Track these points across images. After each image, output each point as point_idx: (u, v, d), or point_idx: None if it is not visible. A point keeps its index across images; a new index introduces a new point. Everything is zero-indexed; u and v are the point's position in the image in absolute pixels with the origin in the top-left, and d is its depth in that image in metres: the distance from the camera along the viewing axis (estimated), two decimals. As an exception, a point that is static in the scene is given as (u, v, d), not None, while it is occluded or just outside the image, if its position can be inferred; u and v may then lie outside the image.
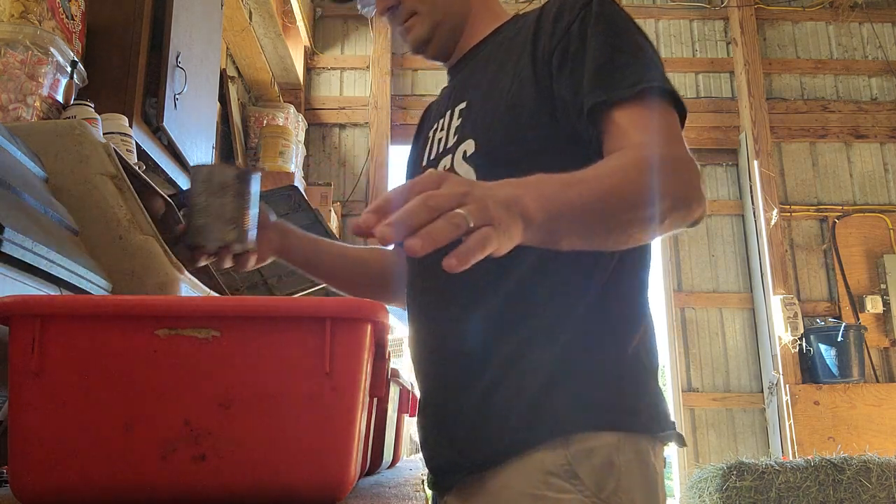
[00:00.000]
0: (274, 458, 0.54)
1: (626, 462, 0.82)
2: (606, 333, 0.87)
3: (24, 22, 1.46)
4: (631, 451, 0.83)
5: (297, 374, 0.55)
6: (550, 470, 0.82)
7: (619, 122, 0.82)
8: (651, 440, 0.86)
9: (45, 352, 0.55)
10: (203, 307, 0.57)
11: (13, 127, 1.12)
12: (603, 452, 0.82)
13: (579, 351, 0.86)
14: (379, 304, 0.58)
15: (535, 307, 0.88)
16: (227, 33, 3.54)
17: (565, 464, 0.81)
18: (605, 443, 0.82)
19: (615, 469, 0.81)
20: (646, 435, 0.85)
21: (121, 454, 0.54)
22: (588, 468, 0.81)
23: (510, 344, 0.87)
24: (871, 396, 4.14)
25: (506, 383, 0.86)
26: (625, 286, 0.91)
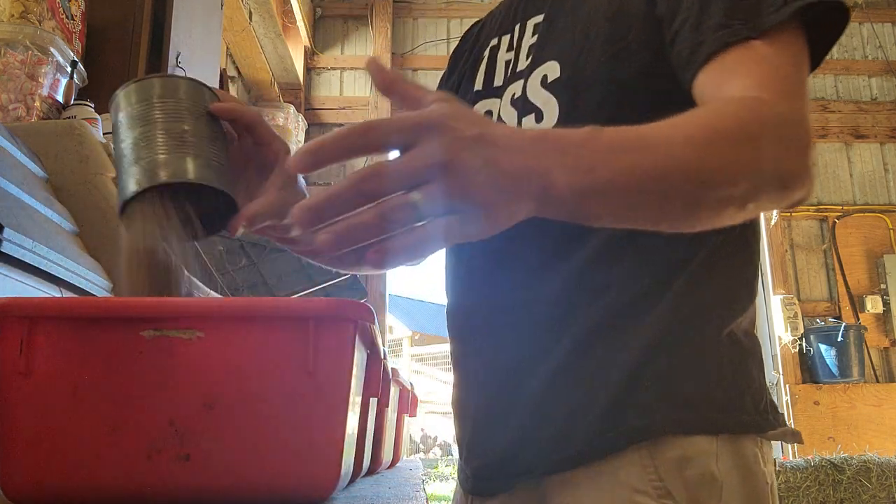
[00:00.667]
0: (258, 458, 0.55)
1: (728, 471, 0.65)
2: (705, 313, 0.70)
3: (24, 22, 1.46)
4: (733, 458, 0.66)
5: (280, 373, 0.56)
6: (636, 487, 0.65)
7: (725, 62, 0.61)
8: (757, 442, 0.69)
9: (33, 353, 0.55)
10: (187, 308, 0.57)
11: (13, 127, 1.12)
12: (700, 462, 0.65)
13: (671, 335, 0.68)
14: (364, 304, 0.58)
15: (617, 279, 0.70)
16: (227, 33, 3.54)
17: (655, 479, 0.65)
18: (701, 450, 0.65)
19: (716, 483, 0.65)
20: (751, 436, 0.68)
21: (107, 454, 0.54)
22: (681, 483, 0.65)
23: (583, 324, 0.70)
24: (871, 396, 4.14)
25: (577, 373, 0.69)
26: (732, 254, 0.72)
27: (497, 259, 0.76)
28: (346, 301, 0.58)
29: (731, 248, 0.72)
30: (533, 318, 0.73)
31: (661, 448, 0.66)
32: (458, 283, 0.83)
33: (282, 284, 1.62)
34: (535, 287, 0.73)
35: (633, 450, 0.66)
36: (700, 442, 0.66)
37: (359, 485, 0.88)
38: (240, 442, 0.55)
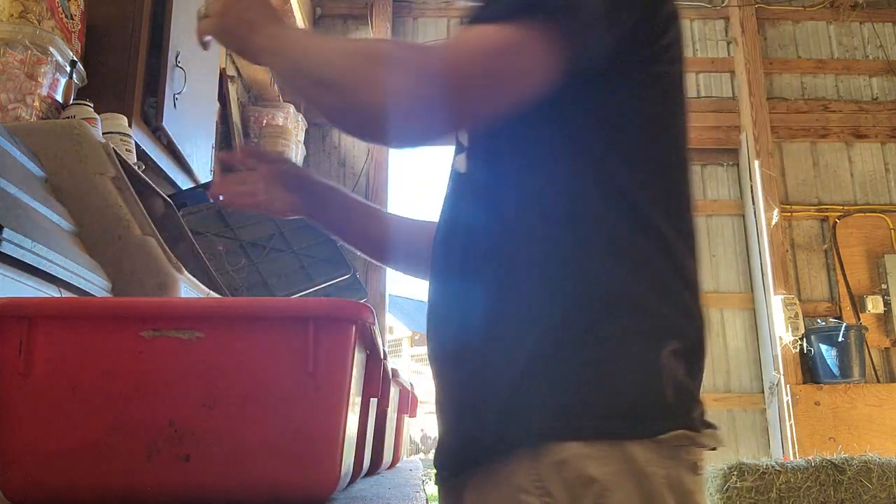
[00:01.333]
0: (258, 458, 0.55)
1: (612, 473, 0.67)
2: (586, 319, 0.72)
3: (24, 22, 1.46)
4: (617, 461, 0.68)
5: (280, 374, 0.56)
6: (522, 486, 0.70)
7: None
8: (646, 444, 0.69)
9: (33, 353, 0.55)
10: (187, 308, 0.57)
11: (13, 127, 1.11)
12: (576, 465, 0.68)
13: (562, 332, 0.72)
14: (364, 304, 0.58)
15: (515, 273, 0.75)
16: (228, 33, 3.53)
17: (536, 480, 0.69)
18: (576, 453, 0.68)
19: (595, 483, 0.67)
20: (642, 440, 0.69)
21: (107, 454, 0.54)
22: (560, 484, 0.68)
23: (479, 332, 0.75)
24: (871, 397, 4.13)
25: (475, 380, 0.75)
26: (616, 264, 0.74)
27: (433, 276, 0.84)
28: (346, 301, 0.57)
29: (613, 257, 0.75)
30: (447, 323, 0.81)
31: (541, 451, 0.70)
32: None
33: (282, 284, 1.62)
34: (449, 297, 0.81)
35: (520, 453, 0.70)
36: (574, 447, 0.69)
37: (359, 485, 0.87)
38: (240, 442, 0.55)
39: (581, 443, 0.69)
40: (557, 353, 0.72)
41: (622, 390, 0.71)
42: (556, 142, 0.76)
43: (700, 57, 4.90)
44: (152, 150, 1.93)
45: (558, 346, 0.72)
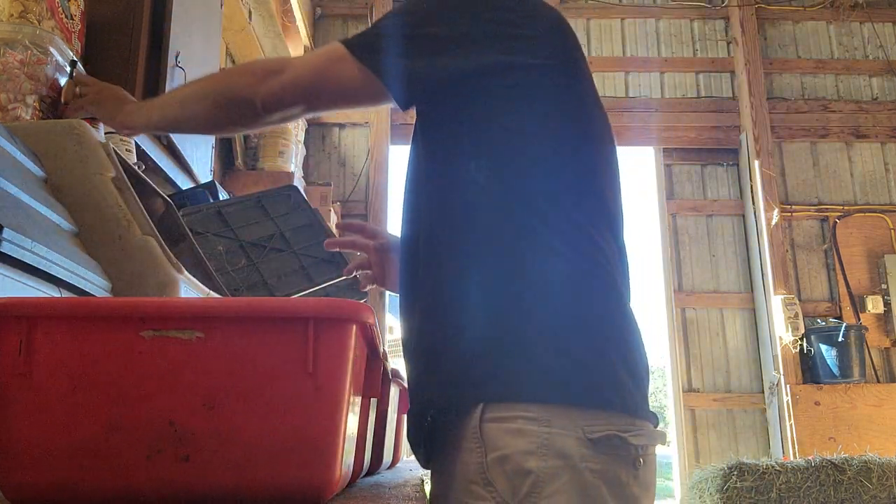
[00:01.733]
0: (258, 458, 0.55)
1: (548, 468, 0.76)
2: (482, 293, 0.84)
3: (24, 22, 1.46)
4: (555, 456, 0.77)
5: (280, 374, 0.56)
6: (471, 478, 0.80)
7: None
8: (582, 438, 0.78)
9: (33, 353, 0.55)
10: (187, 308, 0.57)
11: (13, 127, 1.11)
12: (515, 459, 0.77)
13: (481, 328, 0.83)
14: (364, 304, 0.58)
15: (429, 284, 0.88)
16: (227, 33, 3.54)
17: (482, 471, 0.79)
18: (517, 449, 0.77)
19: (531, 475, 0.76)
20: (576, 426, 0.78)
21: (107, 454, 0.54)
22: (501, 474, 0.78)
23: (420, 327, 0.89)
24: (871, 397, 4.13)
25: (421, 372, 0.89)
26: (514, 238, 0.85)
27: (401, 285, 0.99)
28: (346, 301, 0.57)
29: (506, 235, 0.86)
30: (404, 318, 0.93)
31: (489, 448, 0.79)
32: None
33: (282, 284, 1.62)
34: (404, 294, 0.94)
35: (470, 449, 0.80)
36: (515, 442, 0.78)
37: (359, 485, 0.87)
38: (240, 442, 0.55)
39: (525, 439, 0.77)
40: (498, 334, 0.81)
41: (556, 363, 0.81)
42: (449, 142, 0.92)
43: (700, 57, 4.90)
44: (152, 150, 1.93)
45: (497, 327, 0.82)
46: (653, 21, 4.95)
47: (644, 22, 4.96)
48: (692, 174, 4.75)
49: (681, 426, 4.40)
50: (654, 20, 4.96)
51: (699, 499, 3.54)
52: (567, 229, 0.85)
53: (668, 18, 4.97)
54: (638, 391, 0.83)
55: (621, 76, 4.84)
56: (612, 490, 0.78)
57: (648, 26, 4.95)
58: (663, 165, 4.74)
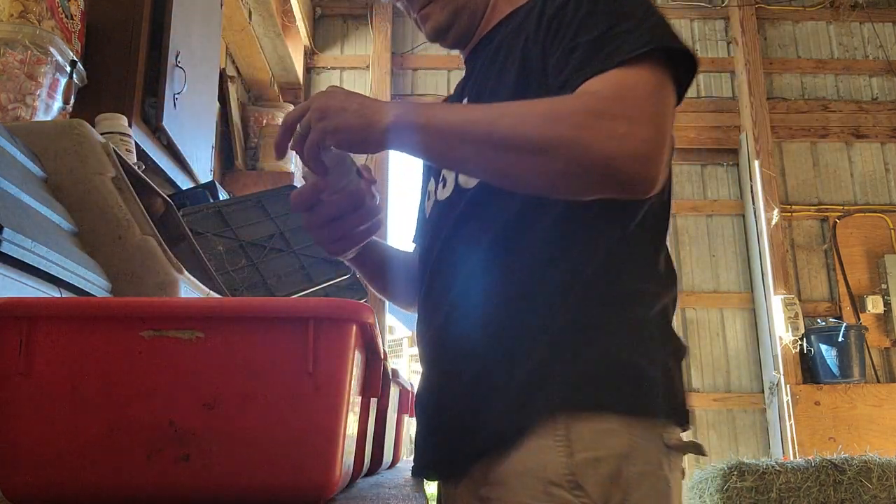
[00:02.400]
0: (258, 458, 0.55)
1: (638, 475, 0.75)
2: (616, 306, 0.81)
3: (24, 22, 1.46)
4: (644, 461, 0.75)
5: (280, 374, 0.56)
6: (551, 479, 0.74)
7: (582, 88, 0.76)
8: (663, 447, 0.77)
9: (32, 353, 0.55)
10: (187, 308, 0.57)
11: (13, 127, 1.11)
12: (612, 462, 0.74)
13: (577, 331, 0.79)
14: (364, 304, 0.58)
15: (532, 278, 0.82)
16: (227, 33, 3.54)
17: (568, 473, 0.74)
18: (613, 451, 0.74)
19: (622, 481, 0.74)
20: (656, 430, 0.77)
21: (107, 454, 0.54)
22: (594, 479, 0.73)
23: (505, 326, 0.82)
24: (871, 397, 4.13)
25: (499, 366, 0.81)
26: (638, 250, 0.83)
27: (441, 285, 0.91)
28: (346, 301, 0.57)
29: (634, 242, 0.83)
30: (467, 325, 0.86)
31: (577, 448, 0.75)
32: (420, 309, 0.98)
33: (282, 284, 1.62)
34: (465, 299, 0.87)
35: (547, 447, 0.75)
36: (611, 443, 0.75)
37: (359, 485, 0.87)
38: (240, 442, 0.55)
39: (614, 417, 0.75)
40: (572, 346, 0.78)
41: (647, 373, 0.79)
42: None
43: (700, 56, 4.88)
44: (152, 150, 1.93)
45: (575, 337, 0.79)
46: (653, 21, 4.95)
47: (644, 22, 4.95)
48: (692, 174, 4.75)
49: (681, 426, 4.40)
50: (654, 20, 4.95)
51: (699, 499, 3.54)
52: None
53: (668, 18, 4.96)
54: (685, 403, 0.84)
55: (621, 76, 4.84)
56: (676, 499, 0.78)
57: (648, 26, 4.94)
58: (663, 165, 4.73)
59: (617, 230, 0.82)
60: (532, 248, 0.82)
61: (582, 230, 0.82)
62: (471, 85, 0.97)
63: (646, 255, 0.85)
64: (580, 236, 0.82)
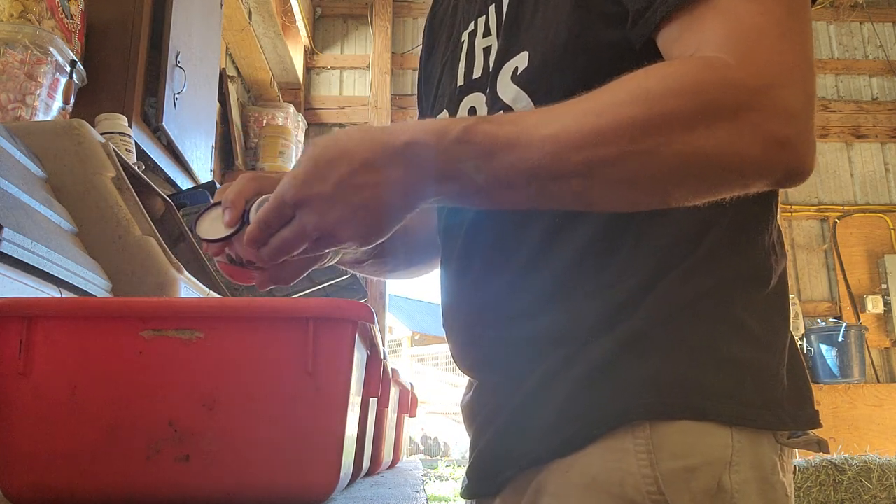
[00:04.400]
0: (257, 459, 0.55)
1: (742, 483, 0.58)
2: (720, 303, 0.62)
3: (24, 21, 1.46)
4: (749, 467, 0.59)
5: (280, 374, 0.56)
6: (629, 495, 0.58)
7: (683, 19, 0.55)
8: (776, 445, 0.61)
9: (32, 353, 0.55)
10: (187, 308, 0.57)
11: (13, 127, 1.11)
12: (709, 472, 0.57)
13: (662, 324, 0.61)
14: (363, 304, 0.58)
15: (613, 276, 0.64)
16: (227, 33, 3.54)
17: (651, 486, 0.58)
18: (711, 458, 0.58)
19: (725, 495, 0.57)
20: (769, 435, 0.61)
21: (106, 455, 0.54)
22: (686, 494, 0.57)
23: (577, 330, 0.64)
24: (871, 397, 4.13)
25: (564, 366, 0.64)
26: (735, 241, 0.64)
27: (482, 267, 0.72)
28: (346, 301, 0.57)
29: (731, 235, 0.64)
30: (522, 319, 0.69)
31: (664, 455, 0.59)
32: (451, 293, 0.77)
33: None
34: (522, 291, 0.69)
35: (624, 451, 0.60)
36: (706, 448, 0.59)
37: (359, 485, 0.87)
38: (239, 442, 0.55)
39: (714, 426, 0.58)
40: (656, 333, 0.61)
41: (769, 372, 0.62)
42: None
43: (700, 57, 4.89)
44: (152, 150, 1.93)
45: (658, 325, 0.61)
46: (653, 21, 4.95)
47: (644, 22, 4.96)
48: (692, 174, 4.75)
49: (681, 426, 4.40)
50: (654, 20, 4.96)
51: (699, 499, 3.54)
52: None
53: None
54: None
55: (621, 76, 4.84)
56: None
57: (648, 26, 4.95)
58: (663, 165, 4.74)
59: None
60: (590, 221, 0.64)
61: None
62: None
63: (753, 213, 0.65)
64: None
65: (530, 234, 0.67)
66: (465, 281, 0.74)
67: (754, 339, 0.62)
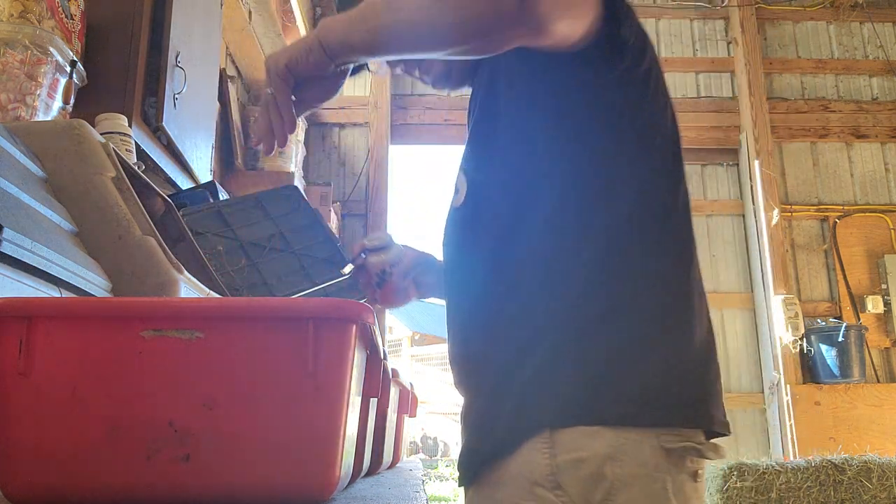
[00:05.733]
0: (257, 459, 0.55)
1: (624, 476, 0.73)
2: (607, 309, 0.78)
3: (24, 21, 1.46)
4: (633, 463, 0.74)
5: (280, 374, 0.56)
6: (536, 480, 0.76)
7: None
8: (659, 447, 0.75)
9: (32, 353, 0.55)
10: (187, 308, 0.57)
11: (13, 127, 1.11)
12: (593, 463, 0.74)
13: (569, 332, 0.78)
14: (363, 304, 0.58)
15: (522, 279, 0.82)
16: (227, 33, 3.54)
17: (550, 473, 0.75)
18: (595, 453, 0.74)
19: (603, 483, 0.73)
20: (652, 437, 0.75)
21: (107, 454, 0.54)
22: (574, 479, 0.74)
23: (505, 338, 0.83)
24: (871, 397, 4.13)
25: (502, 376, 0.82)
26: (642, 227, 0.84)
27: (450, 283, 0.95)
28: (346, 301, 0.57)
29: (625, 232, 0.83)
30: (459, 330, 0.91)
31: (558, 441, 0.76)
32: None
33: (282, 284, 1.62)
34: (466, 300, 0.90)
35: (535, 445, 0.77)
36: (593, 444, 0.74)
37: (359, 485, 0.87)
38: (240, 442, 0.55)
39: (601, 429, 0.75)
40: (569, 349, 0.78)
41: (636, 380, 0.77)
42: (554, 140, 0.84)
43: (700, 57, 4.90)
44: (152, 150, 1.93)
45: (570, 342, 0.78)
46: (653, 21, 4.95)
47: (644, 22, 4.95)
48: (692, 174, 4.75)
49: (681, 426, 4.40)
50: (654, 20, 4.96)
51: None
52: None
53: (668, 18, 4.97)
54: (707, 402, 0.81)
55: (621, 76, 4.84)
56: (684, 501, 0.77)
57: (648, 26, 4.94)
58: (663, 165, 4.74)
59: (605, 216, 0.82)
60: (523, 254, 0.83)
61: (574, 220, 0.82)
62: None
63: (653, 230, 0.86)
64: (571, 232, 0.82)
65: (472, 287, 0.89)
66: (447, 308, 0.95)
67: (638, 358, 0.78)
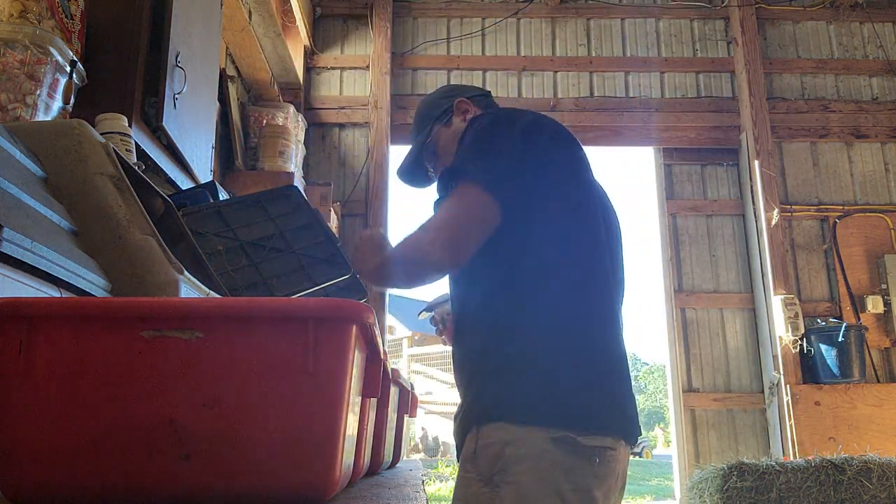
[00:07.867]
0: (258, 458, 0.55)
1: (518, 455, 1.08)
2: (507, 329, 1.16)
3: (24, 21, 1.46)
4: (526, 447, 1.08)
5: (280, 374, 0.56)
6: (468, 457, 1.15)
7: None
8: (550, 439, 1.07)
9: (33, 353, 0.55)
10: (187, 308, 0.57)
11: (13, 127, 1.11)
12: (497, 446, 1.10)
13: (487, 350, 1.18)
14: (364, 304, 0.58)
15: (471, 311, 1.24)
16: (227, 33, 3.54)
17: (473, 453, 1.14)
18: (500, 439, 1.10)
19: (502, 459, 1.09)
20: (542, 431, 1.07)
21: (107, 454, 0.54)
22: (484, 456, 1.12)
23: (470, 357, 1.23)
24: (871, 397, 4.13)
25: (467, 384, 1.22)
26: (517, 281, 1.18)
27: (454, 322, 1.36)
28: (346, 301, 0.57)
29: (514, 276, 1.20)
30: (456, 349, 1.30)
31: (481, 438, 1.14)
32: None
33: (282, 284, 1.62)
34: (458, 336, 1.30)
35: (472, 438, 1.16)
36: (499, 434, 1.11)
37: (359, 485, 0.87)
38: (239, 441, 0.55)
39: (500, 425, 1.11)
40: (491, 376, 1.16)
41: (533, 386, 1.14)
42: (499, 254, 1.20)
43: (700, 57, 4.90)
44: (152, 150, 1.93)
45: (491, 373, 1.16)
46: (653, 21, 4.96)
47: (644, 22, 4.96)
48: (692, 174, 4.75)
49: (681, 426, 4.40)
50: (654, 20, 4.96)
51: (699, 499, 3.54)
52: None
53: (668, 18, 4.97)
54: (609, 411, 1.14)
55: (621, 76, 4.84)
56: (566, 476, 1.07)
57: (648, 26, 4.96)
58: (663, 165, 4.74)
59: (499, 273, 1.19)
60: (473, 300, 1.24)
61: (478, 291, 1.23)
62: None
63: (531, 283, 1.18)
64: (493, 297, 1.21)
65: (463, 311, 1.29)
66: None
67: (542, 370, 1.13)
